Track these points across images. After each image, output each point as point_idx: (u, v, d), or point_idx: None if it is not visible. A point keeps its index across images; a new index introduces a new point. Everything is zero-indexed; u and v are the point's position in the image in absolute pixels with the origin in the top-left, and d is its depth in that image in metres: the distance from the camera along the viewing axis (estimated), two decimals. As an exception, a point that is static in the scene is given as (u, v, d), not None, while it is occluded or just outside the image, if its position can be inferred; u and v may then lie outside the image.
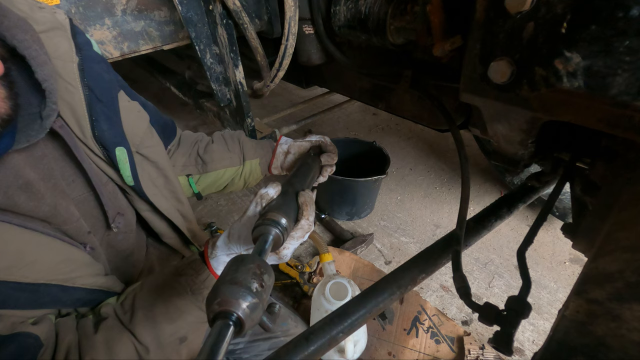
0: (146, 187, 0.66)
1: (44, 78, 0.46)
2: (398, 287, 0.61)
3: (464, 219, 0.61)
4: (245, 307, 0.40)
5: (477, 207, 2.04)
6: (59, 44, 0.53)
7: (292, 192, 0.63)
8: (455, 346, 1.30)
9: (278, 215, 0.54)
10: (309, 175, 0.75)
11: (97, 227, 0.64)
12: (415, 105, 0.98)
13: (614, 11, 0.33)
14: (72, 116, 0.54)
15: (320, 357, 0.55)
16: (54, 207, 0.52)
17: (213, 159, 0.86)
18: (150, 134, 0.70)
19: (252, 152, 0.89)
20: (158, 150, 0.71)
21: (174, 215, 0.75)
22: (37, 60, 0.46)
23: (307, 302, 1.47)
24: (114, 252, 0.69)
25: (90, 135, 0.56)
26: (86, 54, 0.57)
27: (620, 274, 0.36)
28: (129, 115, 0.63)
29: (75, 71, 0.54)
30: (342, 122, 2.96)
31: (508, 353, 0.47)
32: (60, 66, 0.52)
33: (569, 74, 0.38)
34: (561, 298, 1.56)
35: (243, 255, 0.46)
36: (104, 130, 0.57)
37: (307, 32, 1.07)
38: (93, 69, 0.57)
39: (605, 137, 0.58)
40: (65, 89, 0.53)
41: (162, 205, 0.71)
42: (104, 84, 0.58)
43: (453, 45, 0.62)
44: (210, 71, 1.20)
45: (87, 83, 0.55)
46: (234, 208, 2.12)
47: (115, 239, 0.68)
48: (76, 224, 0.57)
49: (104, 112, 0.58)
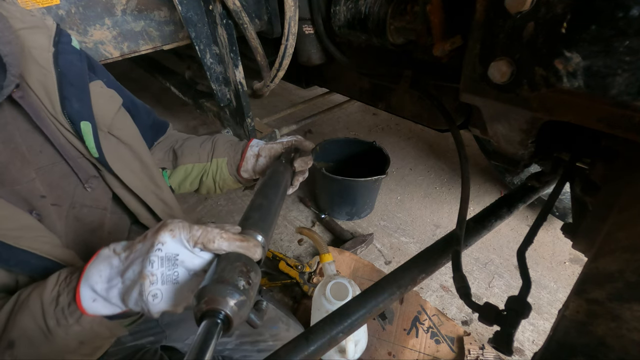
0: (111, 160, 0.72)
1: (5, 53, 0.55)
2: (398, 287, 0.61)
3: (464, 219, 0.61)
4: (232, 304, 0.40)
5: (477, 207, 2.04)
6: (38, 38, 0.65)
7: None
8: (455, 346, 1.30)
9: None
10: (277, 198, 0.66)
11: (65, 196, 0.70)
12: (415, 105, 0.98)
13: (614, 11, 0.33)
14: (45, 94, 0.65)
15: (320, 357, 0.55)
16: (4, 166, 0.59)
17: (183, 154, 0.89)
18: (122, 117, 0.78)
19: (221, 150, 0.89)
20: (131, 133, 0.79)
21: (144, 193, 0.79)
22: (1, 39, 0.55)
23: (307, 302, 1.47)
24: (80, 225, 0.72)
25: (59, 111, 0.66)
26: (62, 47, 0.68)
27: (620, 274, 0.36)
28: (99, 99, 0.72)
29: (50, 58, 0.65)
30: (342, 122, 2.96)
31: (508, 353, 0.47)
32: (37, 54, 0.64)
33: (569, 74, 0.38)
34: (561, 298, 1.56)
35: (229, 254, 0.47)
36: (74, 107, 0.67)
37: (307, 32, 1.07)
38: (66, 58, 0.68)
39: (605, 137, 0.58)
40: (39, 72, 0.64)
41: (132, 181, 0.76)
42: (75, 70, 0.69)
43: (453, 45, 0.62)
44: (210, 71, 1.20)
45: (60, 69, 0.66)
46: (234, 208, 2.12)
47: (81, 212, 0.72)
48: (27, 185, 0.62)
49: (75, 93, 0.68)
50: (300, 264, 1.60)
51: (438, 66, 0.81)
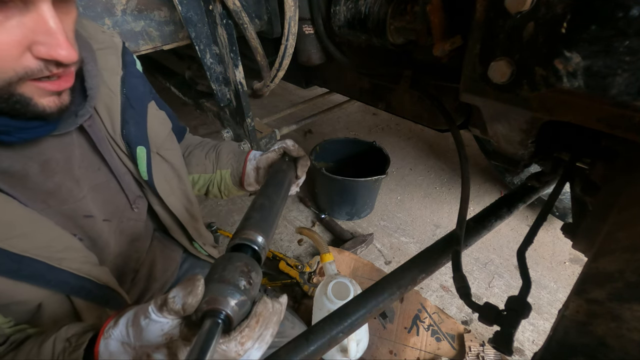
0: (158, 183, 0.75)
1: (90, 87, 0.59)
2: (398, 287, 0.61)
3: (464, 219, 0.61)
4: (233, 304, 0.40)
5: (477, 207, 2.04)
6: (110, 60, 0.67)
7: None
8: (456, 343, 1.30)
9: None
10: (279, 199, 0.64)
11: (117, 212, 0.73)
12: (415, 105, 0.98)
13: (614, 11, 0.33)
14: (108, 116, 0.66)
15: (320, 357, 0.55)
16: (58, 186, 0.60)
17: (190, 163, 0.92)
18: (170, 139, 0.82)
19: (224, 162, 0.92)
20: (175, 154, 0.82)
21: (180, 212, 0.83)
22: (90, 73, 0.59)
23: (307, 302, 1.47)
24: (123, 237, 0.76)
25: (119, 133, 0.68)
26: (129, 69, 0.71)
27: (620, 274, 0.36)
28: (154, 121, 0.75)
29: (118, 82, 0.67)
30: (342, 122, 2.96)
31: (508, 353, 0.47)
32: (107, 76, 0.65)
33: (569, 74, 0.38)
34: (561, 298, 1.57)
35: (230, 254, 0.47)
36: (131, 131, 0.69)
37: (307, 32, 1.07)
38: (132, 82, 0.71)
39: (605, 137, 0.58)
40: (107, 95, 0.65)
41: (171, 201, 0.80)
42: (138, 94, 0.72)
43: (453, 45, 0.62)
44: (210, 71, 1.20)
45: (125, 92, 0.69)
46: (234, 208, 2.12)
47: (127, 225, 0.76)
48: (73, 205, 0.62)
49: (134, 116, 0.70)
50: (300, 264, 1.60)
51: (438, 66, 0.81)
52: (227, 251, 0.50)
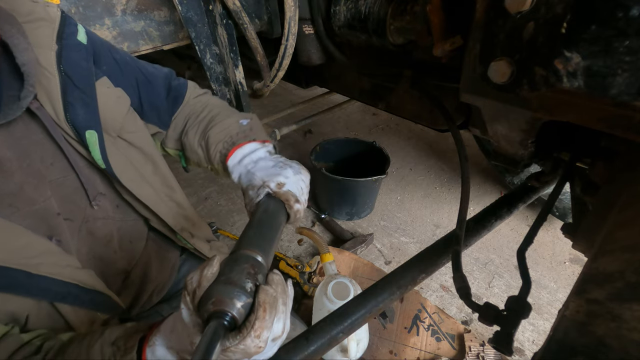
0: (121, 171, 0.67)
1: (23, 62, 0.51)
2: (398, 287, 0.61)
3: (464, 219, 0.61)
4: (239, 306, 0.40)
5: (477, 207, 2.04)
6: (41, 33, 0.57)
7: (243, 258, 0.46)
8: (456, 343, 1.30)
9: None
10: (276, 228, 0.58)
11: (77, 210, 0.65)
12: (415, 105, 0.98)
13: (614, 11, 0.33)
14: (48, 100, 0.58)
15: (320, 357, 0.55)
16: (20, 186, 0.55)
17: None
18: (132, 120, 0.72)
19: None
20: (142, 136, 0.73)
21: (155, 201, 0.75)
22: (18, 47, 0.51)
23: (307, 302, 1.47)
24: (93, 239, 0.69)
25: (63, 118, 0.59)
26: (66, 42, 0.60)
27: (620, 274, 0.36)
28: (107, 101, 0.66)
29: (53, 58, 0.58)
30: (342, 122, 2.96)
31: (508, 353, 0.47)
32: (40, 54, 0.56)
33: (569, 74, 0.38)
34: (561, 298, 1.56)
35: (237, 255, 0.47)
36: (79, 114, 0.60)
37: (307, 32, 1.07)
38: (71, 57, 0.60)
39: (605, 137, 0.58)
40: (43, 75, 0.57)
41: (142, 191, 0.72)
42: (81, 71, 0.62)
43: (453, 45, 0.62)
44: (210, 71, 1.20)
45: (64, 70, 0.59)
46: (234, 208, 2.12)
47: (95, 225, 0.69)
48: (44, 204, 0.58)
49: (81, 97, 0.61)
50: (300, 264, 1.60)
51: (438, 66, 0.81)
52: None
